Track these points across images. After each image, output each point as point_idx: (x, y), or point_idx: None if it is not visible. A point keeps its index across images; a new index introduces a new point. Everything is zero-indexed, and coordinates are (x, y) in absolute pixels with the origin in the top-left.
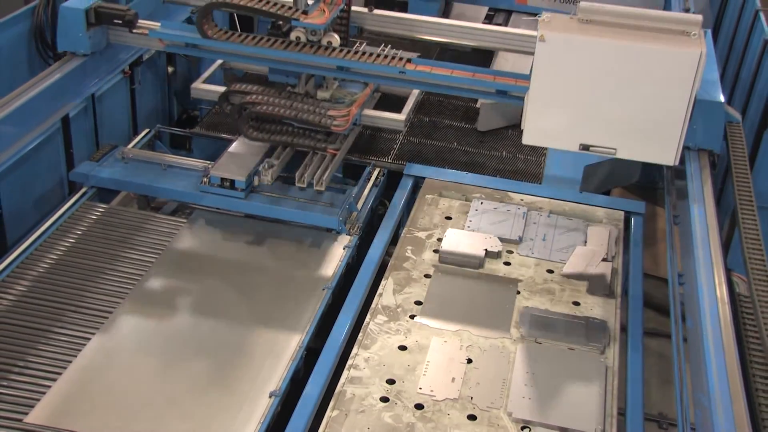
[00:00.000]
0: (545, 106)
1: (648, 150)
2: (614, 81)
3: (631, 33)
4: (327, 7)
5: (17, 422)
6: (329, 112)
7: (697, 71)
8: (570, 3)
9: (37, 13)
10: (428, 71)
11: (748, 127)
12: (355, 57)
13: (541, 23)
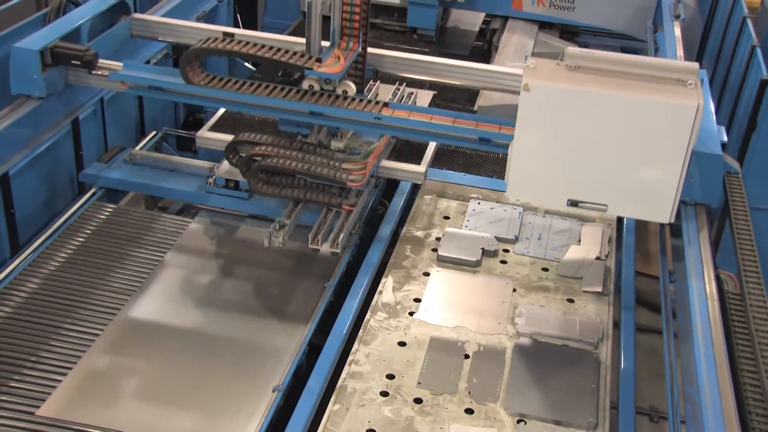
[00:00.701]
0: (530, 158)
1: (641, 207)
2: (604, 134)
3: (623, 82)
4: (342, 54)
5: (29, 415)
6: (344, 165)
7: (694, 125)
8: (565, 10)
9: (48, 19)
10: (406, 117)
11: (737, 129)
12: (328, 102)
13: (526, 71)
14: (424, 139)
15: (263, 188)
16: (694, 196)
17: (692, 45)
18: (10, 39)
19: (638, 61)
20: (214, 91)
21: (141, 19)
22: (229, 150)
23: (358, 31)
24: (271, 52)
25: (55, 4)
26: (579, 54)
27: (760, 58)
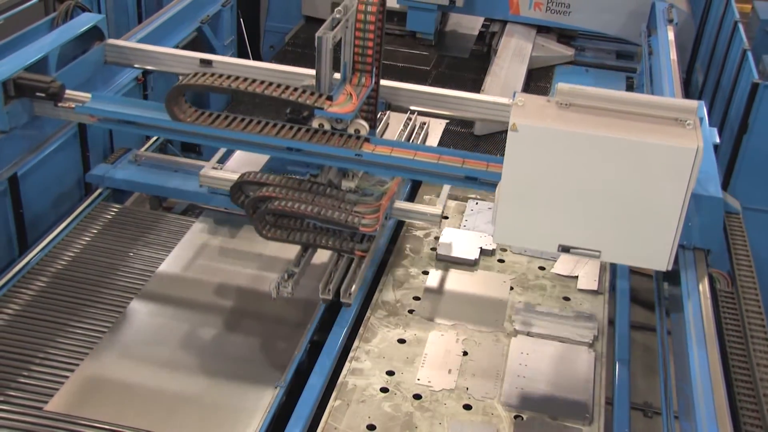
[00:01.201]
0: (518, 202)
1: (637, 253)
2: (598, 177)
3: (617, 122)
4: (354, 90)
5: (38, 410)
6: (356, 208)
7: (693, 168)
8: (561, 14)
9: (56, 23)
10: (388, 153)
11: (728, 131)
12: (305, 137)
13: (514, 109)
14: (407, 176)
15: (270, 233)
16: (693, 240)
17: (685, 49)
18: (17, 44)
19: (634, 99)
20: (189, 127)
21: (115, 45)
22: (234, 191)
23: (371, 66)
24: (279, 90)
25: (63, 9)
26: (570, 91)
27: (751, 62)
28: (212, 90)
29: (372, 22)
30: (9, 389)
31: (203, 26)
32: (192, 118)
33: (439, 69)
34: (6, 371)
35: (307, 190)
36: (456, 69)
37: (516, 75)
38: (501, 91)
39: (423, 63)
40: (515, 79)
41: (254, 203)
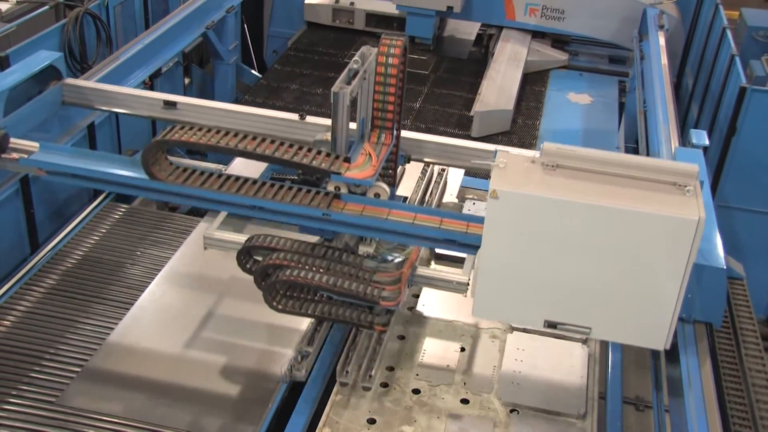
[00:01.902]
0: (500, 273)
1: (632, 331)
2: (588, 248)
3: (609, 189)
4: (373, 149)
5: (49, 404)
6: (376, 276)
7: (695, 240)
8: (556, 20)
9: (66, 29)
10: (359, 213)
11: (717, 134)
12: (269, 194)
13: (495, 173)
14: (380, 237)
15: (281, 304)
16: (694, 314)
17: (676, 53)
18: (29, 49)
19: (628, 161)
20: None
21: (73, 85)
22: (242, 256)
23: (392, 123)
24: (291, 151)
25: (72, 15)
26: (558, 151)
27: (739, 67)
28: (205, 149)
29: (394, 75)
30: (21, 383)
31: (208, 31)
32: (173, 176)
33: (438, 73)
34: (18, 366)
35: (320, 257)
36: (454, 73)
37: (512, 79)
38: (497, 94)
39: (422, 67)
40: (511, 83)
41: (263, 272)
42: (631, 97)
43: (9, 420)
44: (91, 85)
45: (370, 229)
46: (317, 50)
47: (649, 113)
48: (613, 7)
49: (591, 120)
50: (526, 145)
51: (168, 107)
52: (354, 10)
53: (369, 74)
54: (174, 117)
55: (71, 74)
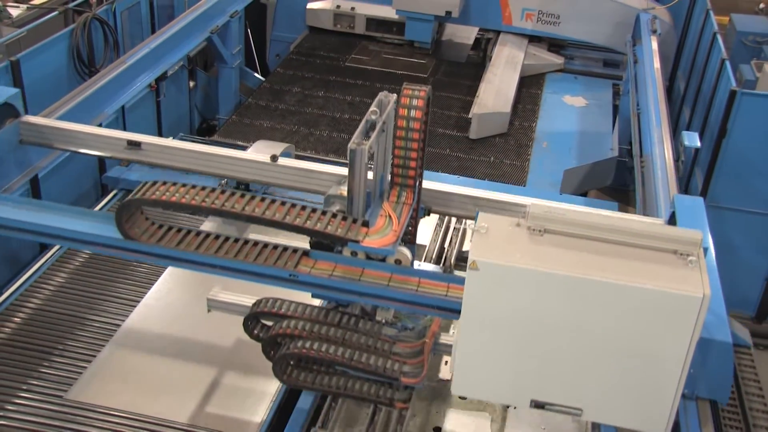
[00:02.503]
0: (481, 349)
1: (627, 414)
2: (579, 325)
3: (603, 259)
4: (393, 209)
5: (58, 398)
6: (396, 347)
7: (698, 318)
8: (552, 24)
9: (75, 34)
10: (328, 274)
11: (708, 135)
12: (230, 252)
13: (475, 239)
14: (352, 301)
15: (292, 378)
16: (698, 389)
17: (668, 58)
18: (38, 54)
19: (624, 227)
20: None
21: (31, 123)
22: (249, 322)
23: (414, 180)
24: (303, 215)
25: (81, 20)
26: (545, 215)
27: (729, 71)
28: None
29: (417, 129)
30: (31, 378)
31: (213, 36)
32: (147, 235)
33: (437, 76)
34: (28, 362)
35: (335, 325)
36: (452, 76)
37: (509, 82)
38: (495, 97)
39: (421, 71)
40: (508, 86)
41: (273, 342)
42: (624, 100)
43: (19, 413)
44: (50, 123)
45: (340, 291)
46: (319, 54)
47: (643, 115)
48: (607, 12)
49: (586, 122)
50: (523, 146)
51: (132, 147)
52: (355, 15)
53: (388, 125)
54: (138, 158)
55: (79, 78)
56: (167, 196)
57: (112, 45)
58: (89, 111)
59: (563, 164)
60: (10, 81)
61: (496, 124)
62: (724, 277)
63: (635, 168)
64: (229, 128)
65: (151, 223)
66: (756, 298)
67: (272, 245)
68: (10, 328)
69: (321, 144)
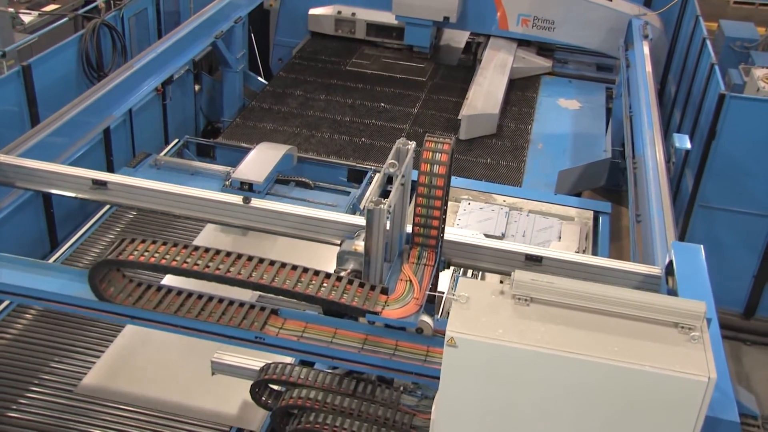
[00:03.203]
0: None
1: None
2: (569, 409)
3: (595, 336)
4: (413, 272)
5: (68, 392)
6: (416, 420)
7: (703, 402)
8: (546, 30)
9: (84, 39)
10: (298, 336)
11: (699, 137)
12: (192, 311)
13: (455, 309)
14: (325, 363)
15: None
16: None
17: (659, 62)
18: (49, 59)
19: (619, 296)
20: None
21: None
22: (256, 388)
23: (437, 240)
24: (316, 282)
25: (90, 26)
26: (532, 283)
27: (718, 75)
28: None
29: (440, 187)
30: (43, 373)
31: (217, 41)
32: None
33: (435, 80)
34: (40, 357)
35: (350, 395)
36: (449, 79)
37: (498, 85)
38: (484, 99)
39: (419, 74)
40: (497, 88)
41: (283, 414)
42: (617, 103)
43: (31, 407)
44: (13, 161)
45: (310, 354)
46: (320, 58)
47: (635, 118)
48: (600, 18)
49: (580, 124)
50: (519, 148)
51: (97, 186)
52: (355, 21)
53: (407, 179)
54: (104, 198)
55: (88, 82)
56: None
57: (120, 50)
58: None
59: (558, 165)
60: (21, 85)
61: (485, 125)
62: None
63: (628, 169)
64: (233, 130)
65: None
66: (744, 295)
67: (239, 302)
68: (23, 324)
69: (322, 146)
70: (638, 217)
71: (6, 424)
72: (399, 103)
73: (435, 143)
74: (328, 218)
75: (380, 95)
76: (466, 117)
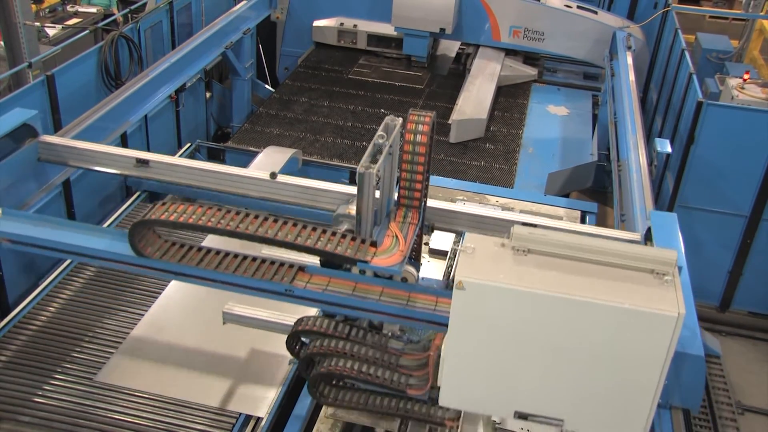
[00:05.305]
0: (467, 363)
1: (606, 423)
2: (560, 341)
3: (583, 279)
4: (399, 229)
5: (88, 380)
6: (402, 359)
7: (674, 335)
8: (536, 40)
9: (103, 51)
10: (323, 287)
11: (678, 142)
12: (230, 267)
13: (462, 259)
14: (347, 314)
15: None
16: (671, 399)
17: (642, 71)
18: (71, 69)
19: (603, 247)
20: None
21: (48, 143)
22: (292, 342)
23: (419, 201)
24: (314, 236)
25: (109, 38)
26: (529, 236)
27: (696, 84)
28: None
29: (422, 153)
30: (64, 362)
31: (227, 51)
32: (160, 252)
33: (431, 88)
34: (61, 347)
35: (344, 337)
36: (444, 87)
37: (486, 91)
38: (473, 105)
39: (417, 82)
40: (485, 95)
41: (308, 362)
42: (603, 110)
43: (53, 393)
44: (66, 142)
45: (334, 305)
46: (324, 67)
47: (619, 124)
48: (586, 30)
49: (568, 129)
50: (510, 152)
51: (140, 165)
52: (357, 32)
53: (394, 149)
54: (146, 174)
55: (107, 90)
56: (175, 217)
57: (136, 60)
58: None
59: (547, 168)
60: (46, 93)
61: (473, 129)
62: (692, 270)
63: (613, 171)
64: (242, 135)
65: (159, 238)
66: (720, 289)
67: (270, 260)
68: (46, 316)
69: (326, 149)
70: (623, 217)
71: (29, 408)
72: (398, 109)
73: (418, 116)
74: (328, 188)
75: (380, 102)
76: (455, 122)
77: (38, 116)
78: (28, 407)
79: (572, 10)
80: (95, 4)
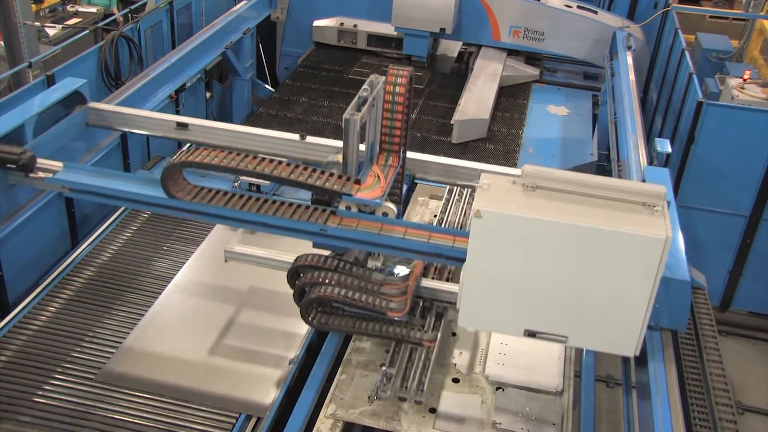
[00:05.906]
0: (483, 286)
1: (604, 339)
2: (564, 263)
3: (584, 209)
4: (381, 171)
5: (89, 380)
6: (383, 288)
7: (662, 257)
8: (536, 40)
9: (103, 50)
10: (353, 227)
11: (678, 142)
12: (270, 210)
13: (479, 194)
14: (374, 251)
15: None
16: (661, 321)
17: (642, 71)
18: (71, 68)
19: (601, 183)
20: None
21: (96, 108)
22: (292, 277)
23: (399, 146)
24: (305, 174)
25: (109, 38)
26: (536, 173)
27: (696, 84)
28: (222, 170)
29: (400, 102)
30: (65, 362)
31: (227, 51)
32: (191, 195)
33: (431, 87)
34: (62, 346)
35: (333, 269)
36: (444, 87)
37: (488, 91)
38: (475, 105)
39: (417, 82)
40: (487, 95)
41: (301, 291)
42: (603, 110)
43: (54, 393)
44: (112, 108)
45: (363, 243)
46: (324, 67)
47: (619, 124)
48: (586, 29)
49: (568, 129)
50: (511, 152)
51: (180, 128)
52: (357, 32)
53: (377, 101)
54: (186, 137)
55: (107, 90)
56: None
57: (136, 60)
58: None
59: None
60: None
61: (476, 129)
62: None
63: (613, 172)
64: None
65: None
66: (720, 289)
67: (304, 205)
68: (46, 316)
69: None
70: None
71: (29, 408)
72: None
73: (397, 70)
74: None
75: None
76: (458, 122)
77: (86, 84)
78: (28, 407)
79: (572, 10)
80: (95, 4)
